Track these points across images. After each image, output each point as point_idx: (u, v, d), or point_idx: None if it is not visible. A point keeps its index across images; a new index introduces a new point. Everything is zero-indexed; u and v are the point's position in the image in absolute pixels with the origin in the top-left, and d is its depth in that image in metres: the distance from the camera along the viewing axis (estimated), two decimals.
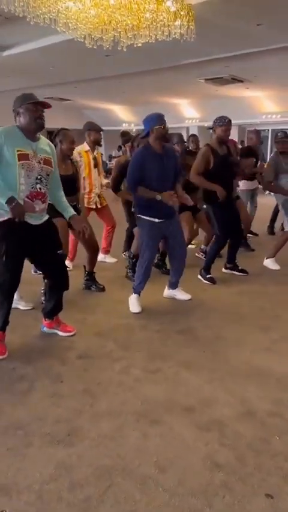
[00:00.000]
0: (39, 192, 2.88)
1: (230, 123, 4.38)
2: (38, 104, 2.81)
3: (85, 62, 9.43)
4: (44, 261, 3.16)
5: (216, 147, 4.42)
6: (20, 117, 2.81)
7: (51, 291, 3.30)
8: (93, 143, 4.84)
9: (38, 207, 2.90)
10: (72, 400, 2.50)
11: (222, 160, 4.41)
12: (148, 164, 3.63)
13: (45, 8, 4.43)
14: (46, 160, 2.90)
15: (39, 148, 2.88)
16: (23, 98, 2.81)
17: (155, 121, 3.62)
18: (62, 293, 3.30)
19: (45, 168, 2.90)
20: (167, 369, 2.86)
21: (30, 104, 2.78)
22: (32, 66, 9.99)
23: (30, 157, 2.80)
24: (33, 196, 2.86)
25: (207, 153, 4.39)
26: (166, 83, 12.55)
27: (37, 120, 2.79)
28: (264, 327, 3.54)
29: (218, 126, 4.38)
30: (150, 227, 3.76)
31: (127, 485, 1.86)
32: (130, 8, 4.50)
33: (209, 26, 6.27)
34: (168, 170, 3.71)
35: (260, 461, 2.00)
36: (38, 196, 2.88)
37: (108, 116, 19.53)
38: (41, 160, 2.86)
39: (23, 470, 1.96)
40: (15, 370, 2.85)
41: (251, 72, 10.94)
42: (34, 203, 2.87)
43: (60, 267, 3.19)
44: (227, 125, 4.35)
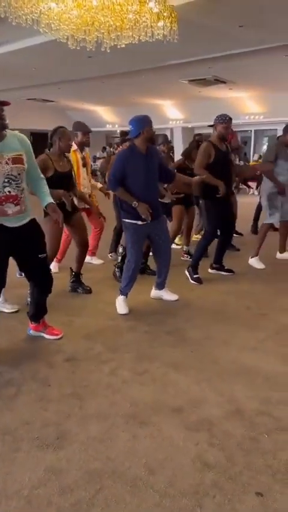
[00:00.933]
0: (9, 195, 2.77)
1: (230, 121, 4.54)
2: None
3: (68, 63, 9.41)
4: (26, 264, 3.11)
5: (216, 143, 4.53)
6: None
7: (33, 294, 3.26)
8: (80, 144, 4.84)
9: (10, 210, 2.81)
10: (61, 404, 2.48)
11: (222, 157, 4.53)
12: (133, 164, 3.63)
13: (28, 8, 4.39)
14: (15, 158, 2.77)
15: (5, 149, 2.74)
16: None
17: (146, 123, 3.64)
18: (45, 297, 3.26)
19: (15, 167, 2.77)
20: (155, 370, 2.86)
21: None
22: (14, 68, 9.93)
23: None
24: (2, 200, 2.76)
25: (208, 148, 4.49)
26: (149, 84, 12.59)
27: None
28: (251, 326, 3.57)
29: (219, 123, 4.51)
30: (134, 230, 3.76)
31: (117, 488, 1.85)
32: (113, 9, 4.49)
33: (192, 27, 6.31)
34: (153, 171, 3.73)
35: (249, 460, 2.01)
36: (8, 200, 2.78)
37: (92, 117, 19.48)
38: (8, 161, 2.73)
39: (12, 475, 1.93)
40: (1, 375, 2.81)
41: (233, 73, 11.04)
42: (5, 207, 2.78)
43: (43, 271, 3.14)
44: (227, 122, 4.49)
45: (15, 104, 2.83)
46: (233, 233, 5.19)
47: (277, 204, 5.14)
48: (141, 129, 3.62)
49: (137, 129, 3.63)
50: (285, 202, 5.15)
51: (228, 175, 4.61)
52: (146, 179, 3.67)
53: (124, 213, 3.79)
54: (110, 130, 21.20)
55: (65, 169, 3.95)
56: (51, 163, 3.81)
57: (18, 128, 2.87)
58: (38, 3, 4.36)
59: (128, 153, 3.69)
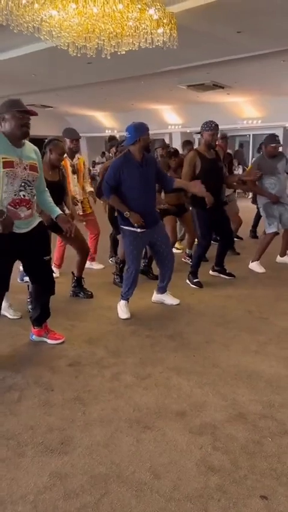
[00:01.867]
0: (23, 199, 2.86)
1: (217, 128, 4.46)
2: (24, 112, 2.80)
3: (67, 69, 9.44)
4: (31, 266, 3.16)
5: (203, 151, 4.50)
6: (5, 123, 2.78)
7: (37, 297, 3.28)
8: (68, 150, 4.81)
9: (22, 214, 2.88)
10: (64, 409, 2.49)
11: (210, 165, 4.47)
12: (128, 172, 3.63)
13: (29, 16, 4.43)
14: (32, 166, 2.89)
15: (24, 155, 2.86)
16: (10, 104, 2.79)
17: (143, 131, 3.65)
18: (49, 298, 3.29)
19: (31, 174, 2.88)
20: (158, 374, 2.87)
21: (17, 111, 2.76)
22: (13, 74, 9.96)
23: (15, 165, 2.78)
24: (16, 203, 2.84)
25: (193, 158, 4.46)
26: (148, 90, 12.64)
27: (22, 128, 2.77)
28: (253, 330, 3.58)
29: (205, 131, 4.46)
30: (132, 237, 3.78)
31: (122, 492, 1.86)
32: (113, 17, 4.53)
33: (191, 34, 6.34)
34: (149, 178, 3.73)
35: (253, 463, 2.02)
36: (21, 203, 2.86)
37: (91, 122, 19.53)
38: (26, 167, 2.85)
39: (17, 481, 1.94)
40: (4, 380, 2.82)
41: (231, 79, 11.09)
42: (18, 210, 2.85)
43: (46, 272, 3.18)
44: (213, 129, 4.43)
45: None
46: (232, 237, 5.20)
47: (274, 214, 5.15)
48: (137, 137, 3.62)
49: (133, 137, 3.63)
50: (284, 212, 5.15)
51: (217, 183, 4.54)
52: (142, 187, 3.67)
53: (122, 219, 3.80)
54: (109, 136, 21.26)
55: (54, 179, 3.95)
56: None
57: None
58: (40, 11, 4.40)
59: (123, 161, 3.69)
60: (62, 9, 4.42)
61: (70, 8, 4.42)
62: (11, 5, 4.27)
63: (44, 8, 4.41)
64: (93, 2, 4.35)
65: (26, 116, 2.80)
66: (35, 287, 3.26)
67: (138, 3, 4.57)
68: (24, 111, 2.79)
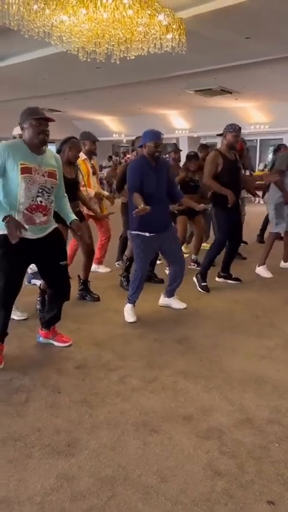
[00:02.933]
0: (40, 205, 2.88)
1: (240, 130, 4.60)
2: (41, 119, 2.82)
3: (76, 74, 9.53)
4: (47, 271, 3.18)
5: (225, 152, 4.56)
6: (25, 132, 2.83)
7: (51, 301, 3.30)
8: (88, 152, 4.91)
9: (38, 220, 2.90)
10: (71, 411, 2.50)
11: (231, 165, 4.55)
12: (145, 172, 3.68)
13: (40, 21, 4.49)
14: (51, 173, 2.92)
15: (44, 162, 2.89)
16: (28, 113, 2.82)
17: (149, 137, 3.70)
18: (62, 303, 3.30)
19: (49, 180, 2.91)
20: (165, 378, 2.87)
21: (33, 119, 2.79)
22: (23, 78, 10.07)
23: (33, 171, 2.81)
24: (33, 209, 2.87)
25: (216, 158, 4.53)
26: (156, 94, 12.71)
27: (39, 136, 2.80)
28: (259, 335, 3.58)
29: (228, 132, 4.55)
30: (141, 241, 3.79)
31: (129, 495, 1.86)
32: (123, 22, 4.58)
33: (199, 39, 6.40)
34: (162, 183, 3.76)
35: (260, 468, 2.02)
36: (38, 209, 2.88)
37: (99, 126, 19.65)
38: (45, 174, 2.88)
39: (24, 482, 1.94)
40: (11, 381, 2.83)
41: (239, 84, 11.14)
42: (34, 215, 2.88)
43: (62, 277, 3.19)
44: (237, 131, 4.55)
45: None
46: (240, 241, 5.21)
47: (283, 214, 5.16)
48: (144, 142, 3.72)
49: (143, 141, 3.75)
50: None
51: (237, 184, 4.63)
52: (155, 190, 3.69)
53: (132, 224, 3.82)
54: (117, 140, 21.37)
55: (72, 176, 4.04)
56: None
57: None
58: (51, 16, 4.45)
59: (142, 161, 3.76)
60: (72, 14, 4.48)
61: (80, 14, 4.48)
62: (22, 10, 4.33)
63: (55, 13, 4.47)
64: (103, 7, 4.40)
65: (43, 123, 2.82)
66: (51, 291, 3.28)
67: (147, 9, 4.61)
68: (40, 119, 2.81)
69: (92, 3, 4.31)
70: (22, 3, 4.23)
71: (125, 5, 4.40)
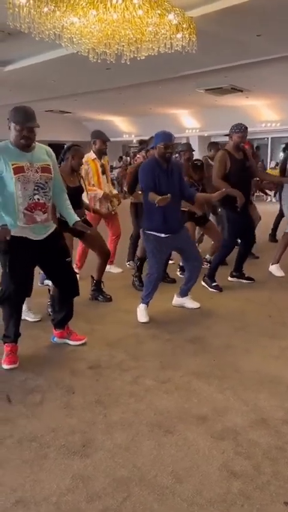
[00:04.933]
0: (38, 202, 2.89)
1: (246, 130, 4.55)
2: (20, 126, 2.76)
3: (86, 75, 9.56)
4: (52, 270, 3.20)
5: (233, 152, 4.53)
6: (11, 132, 2.83)
7: (61, 301, 3.32)
8: (98, 152, 4.92)
9: (39, 218, 2.92)
10: (85, 411, 2.51)
11: (239, 165, 4.51)
12: (156, 174, 3.68)
13: (50, 24, 4.52)
14: (44, 168, 2.91)
15: (35, 158, 2.88)
16: (13, 115, 2.79)
17: (159, 139, 3.69)
18: (73, 300, 3.32)
19: (43, 176, 2.90)
20: (178, 378, 2.86)
21: (16, 125, 2.77)
22: (33, 80, 10.13)
23: (25, 169, 2.81)
24: (32, 207, 2.88)
25: (223, 157, 4.50)
26: (166, 94, 12.68)
27: (21, 141, 2.80)
28: (273, 335, 3.55)
29: (234, 133, 4.51)
30: (155, 242, 3.79)
31: (145, 496, 1.86)
32: (133, 22, 4.58)
33: (210, 38, 6.36)
34: (174, 184, 3.75)
35: (276, 469, 2.00)
36: (37, 207, 2.90)
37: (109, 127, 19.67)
38: (38, 169, 2.87)
39: (40, 482, 1.96)
40: (26, 382, 2.85)
41: (250, 82, 11.07)
42: (34, 214, 2.90)
43: (68, 274, 3.22)
44: (243, 132, 4.50)
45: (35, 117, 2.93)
46: (253, 241, 5.17)
47: None
48: (155, 144, 3.71)
49: (154, 143, 3.74)
50: None
51: (246, 184, 4.59)
52: (167, 191, 3.65)
53: (146, 224, 3.82)
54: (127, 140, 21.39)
55: (75, 184, 4.00)
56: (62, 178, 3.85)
57: (36, 139, 2.96)
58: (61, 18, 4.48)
59: (154, 162, 3.75)
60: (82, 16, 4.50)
61: (91, 15, 4.49)
62: (33, 13, 4.36)
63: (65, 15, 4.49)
64: (113, 8, 4.41)
65: (26, 128, 2.77)
66: (59, 290, 3.29)
67: (157, 9, 4.61)
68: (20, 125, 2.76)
69: (102, 4, 4.33)
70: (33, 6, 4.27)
71: (135, 5, 4.41)
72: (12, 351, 3.07)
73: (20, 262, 2.92)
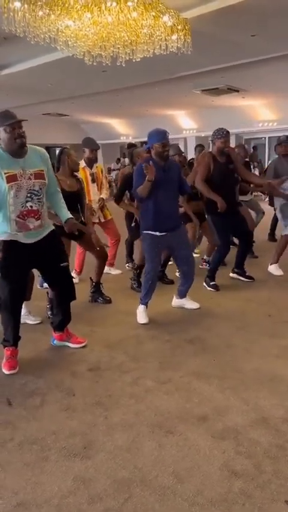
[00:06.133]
0: (31, 210, 2.87)
1: (228, 135, 4.48)
2: (14, 124, 2.75)
3: (82, 78, 9.57)
4: (49, 274, 3.19)
5: (217, 155, 4.52)
6: (2, 138, 2.78)
7: (58, 304, 3.31)
8: (88, 160, 4.87)
9: (32, 225, 2.90)
10: (86, 413, 2.51)
11: (222, 168, 4.48)
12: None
13: (45, 27, 4.53)
14: (37, 174, 2.87)
15: (28, 164, 2.84)
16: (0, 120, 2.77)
17: (155, 139, 3.67)
18: (69, 304, 3.32)
19: (37, 182, 2.87)
20: (178, 378, 2.87)
21: (7, 126, 2.73)
22: (30, 84, 10.13)
23: (18, 177, 2.79)
24: (24, 215, 2.85)
25: (208, 159, 4.49)
26: (163, 95, 12.69)
27: (17, 140, 2.76)
28: (272, 334, 3.55)
29: (217, 139, 4.46)
30: (151, 240, 3.80)
31: (146, 496, 1.86)
32: (128, 25, 4.59)
33: (205, 39, 6.37)
34: (172, 182, 3.76)
35: (277, 467, 2.00)
36: (29, 214, 2.87)
37: (106, 129, 19.70)
38: (31, 176, 2.84)
39: (41, 485, 1.96)
40: (26, 385, 2.86)
41: (246, 82, 11.07)
42: (27, 221, 2.87)
43: (65, 279, 3.21)
44: (225, 136, 4.44)
45: (31, 119, 2.89)
46: (252, 239, 5.17)
47: None
48: (150, 144, 3.69)
49: (149, 143, 3.72)
50: None
51: (229, 187, 4.55)
52: (164, 191, 3.68)
53: (142, 223, 3.84)
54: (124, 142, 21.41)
55: (73, 189, 3.96)
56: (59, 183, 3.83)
57: (34, 142, 2.96)
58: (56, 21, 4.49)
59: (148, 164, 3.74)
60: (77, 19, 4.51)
61: (85, 18, 4.50)
62: (28, 17, 4.37)
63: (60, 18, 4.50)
64: (107, 11, 4.42)
65: (17, 127, 2.75)
66: (56, 294, 3.29)
67: (152, 11, 4.62)
68: (13, 123, 2.74)
69: (97, 7, 4.34)
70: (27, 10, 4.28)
71: (130, 7, 4.42)
72: (12, 355, 3.07)
73: (13, 266, 2.91)
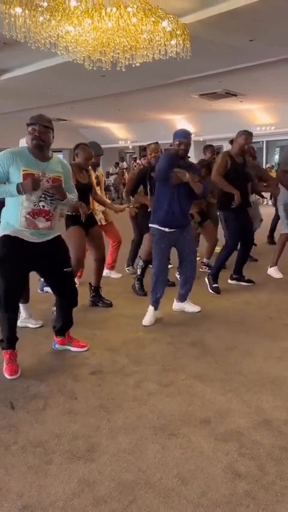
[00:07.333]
0: (42, 209, 2.92)
1: (251, 135, 4.67)
2: (35, 125, 2.86)
3: (81, 83, 9.63)
4: (51, 278, 3.20)
5: (234, 155, 4.63)
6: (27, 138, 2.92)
7: (59, 308, 3.32)
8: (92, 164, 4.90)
9: (41, 225, 2.93)
10: (88, 416, 2.51)
11: (239, 168, 4.60)
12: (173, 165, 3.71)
13: (46, 33, 4.56)
14: (55, 179, 2.95)
15: (49, 169, 2.93)
16: (28, 119, 2.91)
17: (175, 136, 3.81)
18: (71, 310, 3.32)
19: None
20: (181, 381, 2.87)
21: (28, 126, 2.88)
22: (29, 89, 10.19)
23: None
24: (35, 213, 2.90)
25: (225, 157, 4.61)
26: (161, 100, 12.76)
27: (32, 141, 2.86)
28: (274, 336, 3.57)
29: (239, 136, 4.64)
30: (160, 236, 3.85)
31: (150, 499, 1.87)
32: (128, 30, 4.63)
33: (203, 43, 6.43)
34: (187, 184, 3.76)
35: (281, 469, 2.01)
36: (41, 214, 2.92)
37: (105, 133, 19.77)
38: (49, 179, 2.91)
39: (46, 488, 1.96)
40: (28, 389, 2.85)
41: (244, 86, 11.15)
42: (36, 220, 2.91)
43: (68, 284, 3.21)
44: (247, 134, 4.63)
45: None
46: (252, 243, 5.20)
47: None
48: (172, 142, 3.81)
49: (173, 140, 3.82)
50: None
51: (243, 188, 4.63)
52: (178, 190, 3.75)
53: (153, 217, 3.89)
54: (123, 146, 21.48)
55: (85, 181, 4.11)
56: (73, 173, 3.90)
57: None
58: (57, 27, 4.52)
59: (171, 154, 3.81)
60: (77, 24, 4.54)
61: (86, 24, 4.53)
62: (29, 22, 4.40)
63: (61, 24, 4.54)
64: (108, 16, 4.45)
65: (37, 128, 2.85)
66: (58, 298, 3.30)
67: (151, 16, 4.65)
68: (32, 124, 2.86)
69: (97, 13, 4.38)
70: (28, 15, 4.31)
71: (129, 13, 4.46)
72: (11, 358, 3.05)
73: (12, 263, 2.90)
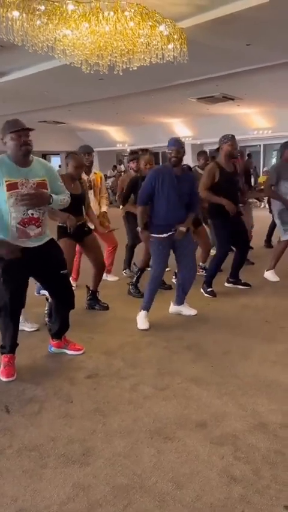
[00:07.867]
0: (32, 217, 2.88)
1: (234, 138, 4.59)
2: (20, 131, 2.79)
3: (79, 86, 9.63)
4: (48, 281, 3.19)
5: (223, 163, 4.57)
6: (7, 147, 2.83)
7: (56, 311, 3.31)
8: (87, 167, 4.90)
9: (32, 232, 2.91)
10: (84, 420, 2.51)
11: (228, 177, 4.55)
12: (163, 182, 3.73)
13: (43, 36, 4.57)
14: (40, 184, 2.89)
15: (31, 174, 2.87)
16: (6, 127, 2.80)
17: (168, 144, 3.81)
18: (68, 312, 3.32)
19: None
20: (177, 385, 2.87)
21: (13, 133, 2.78)
22: (27, 92, 10.19)
23: (19, 186, 2.79)
24: (25, 222, 2.87)
25: (213, 169, 4.55)
26: (158, 103, 12.79)
27: (22, 148, 2.79)
28: (270, 340, 3.57)
29: (224, 143, 4.56)
30: (158, 243, 3.86)
31: (145, 503, 1.86)
32: (125, 34, 4.64)
33: (200, 47, 6.45)
34: (183, 194, 3.79)
35: (276, 473, 2.01)
36: (30, 222, 2.89)
37: (102, 137, 19.78)
38: (33, 185, 2.85)
39: (41, 492, 1.95)
40: (24, 392, 2.85)
41: (241, 90, 11.18)
42: (27, 229, 2.88)
43: (65, 287, 3.21)
44: (231, 139, 4.55)
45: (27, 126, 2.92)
46: (248, 248, 5.21)
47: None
48: (167, 149, 3.80)
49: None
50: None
51: (233, 195, 4.60)
52: (174, 199, 3.74)
53: (151, 228, 3.88)
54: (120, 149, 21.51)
55: (77, 192, 3.99)
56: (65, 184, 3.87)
57: None
58: (54, 30, 4.54)
59: (162, 169, 3.84)
60: (75, 28, 4.55)
61: (83, 27, 4.54)
62: (26, 26, 4.41)
63: (58, 27, 4.54)
64: (105, 20, 4.47)
65: (23, 134, 2.79)
66: (55, 301, 3.29)
67: (149, 21, 4.67)
68: (19, 131, 2.78)
69: (94, 16, 4.39)
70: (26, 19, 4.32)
71: (127, 17, 4.48)
72: (10, 362, 3.06)
73: (13, 270, 2.90)
